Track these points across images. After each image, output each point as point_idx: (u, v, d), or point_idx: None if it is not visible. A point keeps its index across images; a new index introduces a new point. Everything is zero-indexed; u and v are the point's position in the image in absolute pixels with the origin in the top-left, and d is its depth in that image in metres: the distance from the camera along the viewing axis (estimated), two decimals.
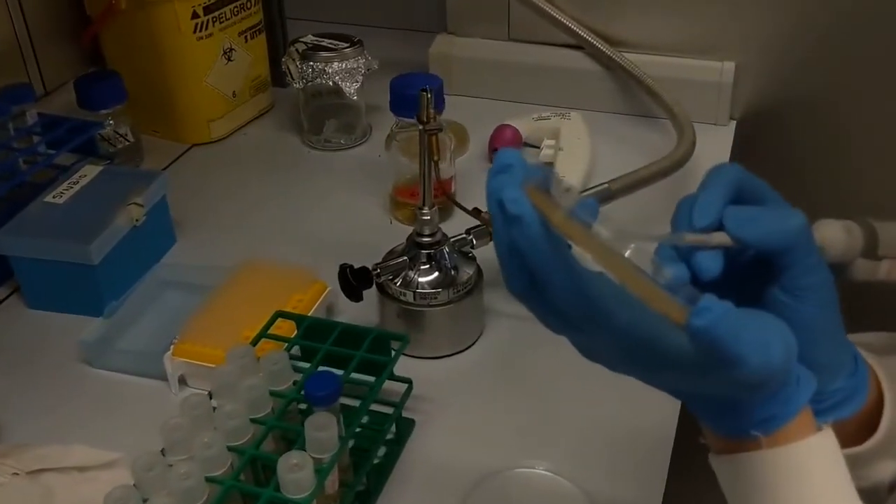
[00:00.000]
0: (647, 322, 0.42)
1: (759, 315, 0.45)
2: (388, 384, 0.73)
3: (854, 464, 0.55)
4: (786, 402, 0.46)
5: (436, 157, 0.76)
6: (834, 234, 0.54)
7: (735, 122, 1.15)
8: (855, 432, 0.54)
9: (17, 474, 0.69)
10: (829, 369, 0.51)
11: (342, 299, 0.83)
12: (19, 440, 0.74)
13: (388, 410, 0.73)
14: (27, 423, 0.77)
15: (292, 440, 0.65)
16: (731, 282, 0.48)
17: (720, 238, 0.47)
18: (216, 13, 1.09)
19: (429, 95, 0.74)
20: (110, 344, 0.83)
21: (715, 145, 1.10)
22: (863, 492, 0.55)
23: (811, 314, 0.49)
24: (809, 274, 0.48)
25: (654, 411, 0.72)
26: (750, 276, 0.50)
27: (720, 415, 0.47)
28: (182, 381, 0.79)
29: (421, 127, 0.75)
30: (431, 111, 0.75)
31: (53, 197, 0.90)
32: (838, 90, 1.12)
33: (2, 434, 0.75)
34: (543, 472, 0.71)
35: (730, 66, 1.12)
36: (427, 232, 0.80)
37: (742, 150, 1.13)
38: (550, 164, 1.04)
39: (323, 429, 0.61)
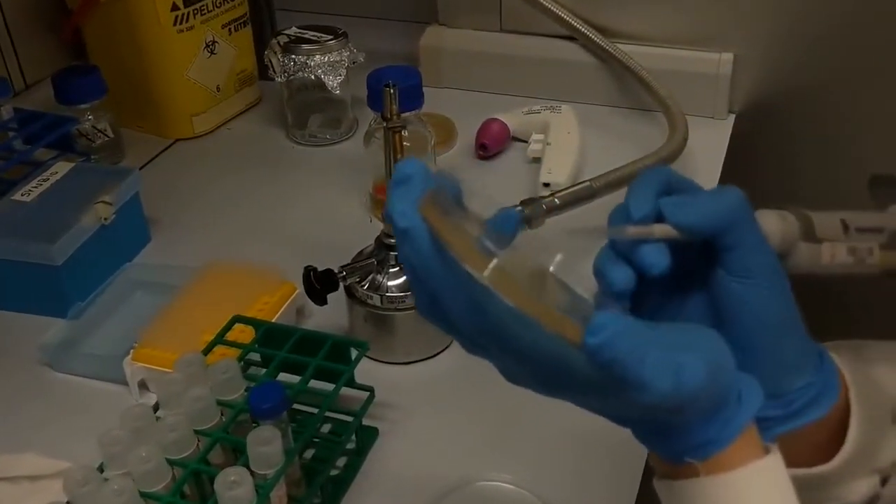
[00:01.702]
0: (551, 342, 0.38)
1: (681, 331, 0.42)
2: (354, 392, 0.71)
3: (824, 484, 0.52)
4: (724, 425, 0.42)
5: (399, 156, 0.73)
6: (769, 222, 0.54)
7: (734, 115, 1.11)
8: (826, 443, 0.51)
9: None
10: (792, 366, 0.48)
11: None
12: None
13: (351, 420, 0.70)
14: None
15: (242, 453, 0.62)
16: (688, 281, 0.45)
17: (662, 230, 0.45)
18: (197, 5, 1.06)
19: (392, 91, 0.71)
20: (73, 347, 0.81)
21: (712, 139, 1.06)
22: None
23: (763, 299, 0.46)
24: (754, 253, 0.46)
25: None
26: (703, 274, 0.47)
27: (654, 438, 0.44)
28: (143, 387, 0.77)
29: (384, 124, 0.72)
30: (394, 107, 0.71)
31: (21, 195, 0.88)
32: (840, 83, 1.07)
33: None
34: (509, 485, 0.68)
35: (728, 57, 1.08)
36: None
37: (741, 144, 1.08)
38: (538, 160, 1.01)
39: (266, 443, 0.58)
